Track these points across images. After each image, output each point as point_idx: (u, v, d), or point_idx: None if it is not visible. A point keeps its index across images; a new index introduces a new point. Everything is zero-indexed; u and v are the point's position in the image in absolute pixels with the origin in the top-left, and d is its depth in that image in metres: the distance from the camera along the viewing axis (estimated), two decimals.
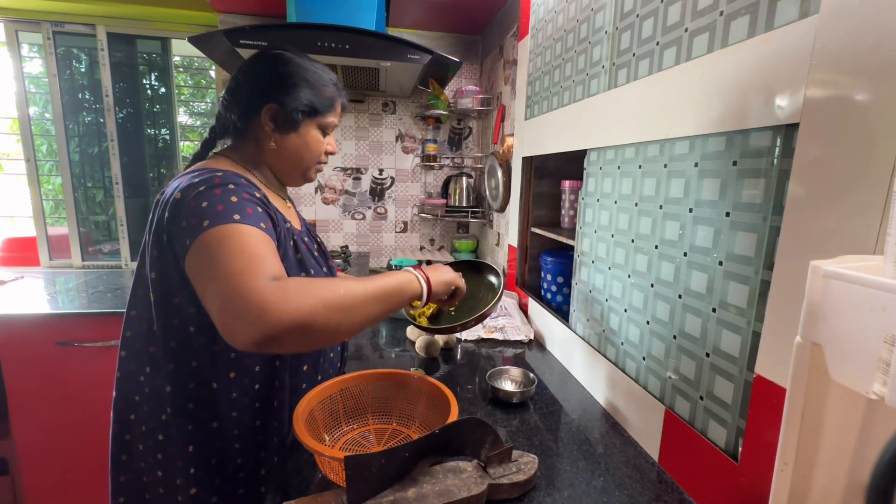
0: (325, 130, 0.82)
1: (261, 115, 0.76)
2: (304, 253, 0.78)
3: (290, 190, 0.92)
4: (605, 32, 0.94)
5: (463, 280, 0.86)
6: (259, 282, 0.55)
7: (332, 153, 0.85)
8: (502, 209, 1.78)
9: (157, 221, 0.68)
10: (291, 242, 0.77)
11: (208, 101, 2.41)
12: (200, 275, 0.61)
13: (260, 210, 0.67)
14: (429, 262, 2.15)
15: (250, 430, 0.75)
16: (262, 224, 0.65)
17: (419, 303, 0.84)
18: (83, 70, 2.09)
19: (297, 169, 0.82)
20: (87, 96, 2.10)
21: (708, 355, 0.66)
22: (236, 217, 0.62)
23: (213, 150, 0.84)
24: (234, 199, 0.64)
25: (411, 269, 0.75)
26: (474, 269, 1.14)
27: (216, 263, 0.58)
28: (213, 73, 2.24)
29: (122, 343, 0.75)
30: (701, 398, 0.68)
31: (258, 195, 0.69)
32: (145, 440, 0.74)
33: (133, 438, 0.76)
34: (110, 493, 0.78)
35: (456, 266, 1.15)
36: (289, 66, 0.77)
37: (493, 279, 1.10)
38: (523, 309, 1.46)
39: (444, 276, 0.80)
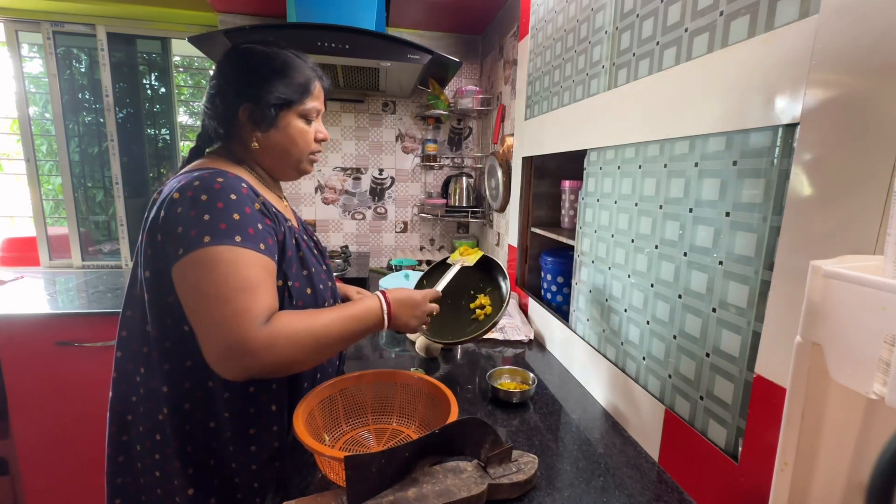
0: (307, 118, 0.78)
1: (239, 117, 0.74)
2: (304, 251, 0.78)
3: (290, 189, 0.91)
4: (605, 32, 0.94)
5: (425, 302, 0.83)
6: (252, 328, 0.60)
7: (323, 140, 0.82)
8: (502, 209, 1.78)
9: (153, 220, 0.68)
10: (293, 241, 0.76)
11: None
12: (193, 294, 0.63)
13: (260, 227, 0.67)
14: (429, 263, 2.15)
15: (244, 435, 0.75)
16: (261, 245, 0.65)
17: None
18: (83, 70, 2.09)
19: (287, 163, 0.80)
20: (87, 96, 2.10)
21: (708, 355, 0.66)
22: (237, 239, 0.63)
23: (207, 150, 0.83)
24: (236, 216, 0.64)
25: (380, 299, 0.76)
26: (482, 265, 1.14)
27: (215, 292, 0.61)
28: (213, 73, 2.24)
29: (118, 343, 0.75)
30: (701, 398, 0.68)
31: (258, 206, 0.68)
32: (143, 441, 0.74)
33: (130, 439, 0.75)
34: (106, 496, 0.77)
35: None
36: (255, 59, 0.75)
37: (501, 282, 1.10)
38: (523, 309, 1.46)
39: (407, 304, 0.80)
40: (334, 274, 0.99)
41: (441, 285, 0.97)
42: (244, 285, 0.61)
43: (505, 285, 1.09)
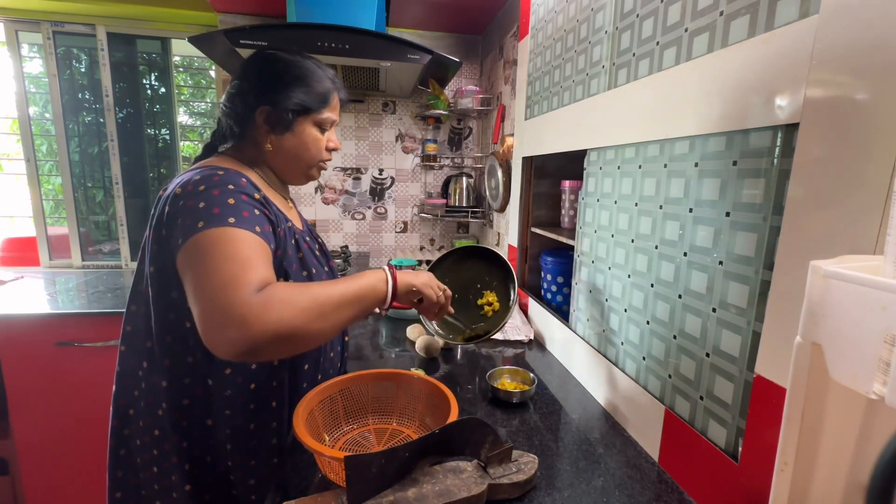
0: (322, 127, 0.80)
1: (255, 119, 0.75)
2: (305, 252, 0.78)
3: (290, 190, 0.91)
4: (605, 32, 0.94)
5: (429, 289, 0.81)
6: (243, 294, 0.56)
7: (334, 149, 0.83)
8: (502, 209, 1.78)
9: (158, 216, 0.69)
10: (293, 241, 0.76)
11: (208, 101, 2.41)
12: (188, 277, 0.62)
13: (257, 213, 0.67)
14: (428, 262, 2.15)
15: (243, 432, 0.75)
16: (256, 228, 0.65)
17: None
18: (83, 70, 2.09)
19: (298, 168, 0.81)
20: (87, 96, 2.10)
21: (708, 355, 0.66)
22: (231, 220, 0.62)
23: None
24: (230, 200, 0.64)
25: (384, 269, 0.75)
26: (488, 258, 1.15)
27: (204, 269, 0.59)
28: (213, 73, 2.24)
29: (122, 338, 0.76)
30: (701, 398, 0.68)
31: (257, 196, 0.69)
32: (143, 435, 0.74)
33: (131, 433, 0.76)
34: (107, 488, 0.78)
35: (468, 252, 1.16)
36: (278, 65, 0.76)
37: (507, 280, 1.12)
38: (523, 309, 1.46)
39: (413, 279, 0.78)
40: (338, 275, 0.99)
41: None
42: (236, 258, 0.60)
43: (512, 286, 1.09)
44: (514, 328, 1.33)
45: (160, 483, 0.74)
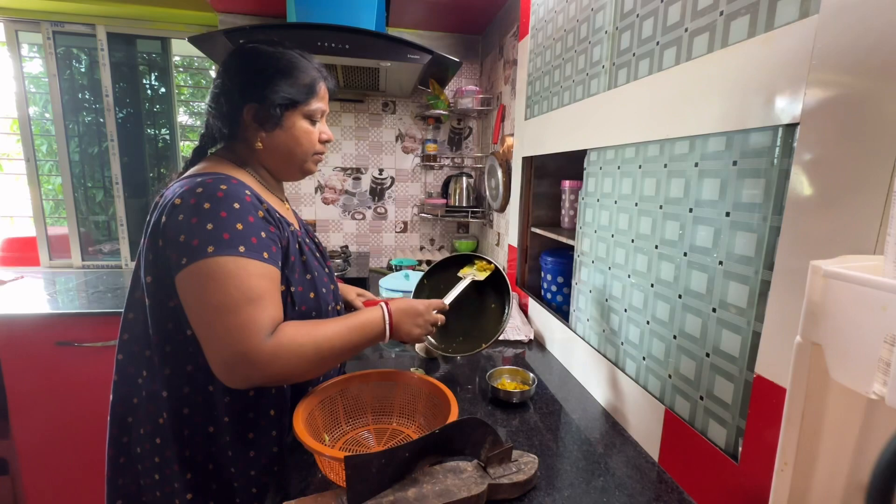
0: (312, 119, 0.77)
1: (243, 117, 0.74)
2: (307, 255, 0.78)
3: (290, 189, 0.91)
4: (605, 32, 0.94)
5: (423, 335, 0.84)
6: (256, 341, 0.61)
7: (327, 141, 0.81)
8: (502, 209, 1.78)
9: (154, 225, 0.67)
10: (297, 246, 0.76)
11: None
12: (197, 305, 0.63)
13: (264, 235, 0.67)
14: (429, 262, 2.15)
15: (243, 439, 0.74)
16: (265, 254, 0.66)
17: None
18: (83, 70, 2.09)
19: (292, 164, 0.79)
20: (87, 96, 2.09)
21: (708, 355, 0.66)
22: (241, 249, 0.63)
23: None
24: (239, 226, 0.64)
25: (383, 310, 0.77)
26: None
27: (217, 302, 0.61)
28: (213, 73, 2.24)
29: (119, 346, 0.75)
30: (701, 398, 0.68)
31: (261, 213, 0.68)
32: (143, 443, 0.74)
33: (131, 441, 0.75)
34: (106, 496, 0.77)
35: (461, 259, 1.15)
36: (260, 59, 0.74)
37: (502, 292, 1.09)
38: (523, 309, 1.46)
39: (409, 330, 0.81)
40: (335, 275, 0.98)
41: (449, 298, 0.94)
42: (249, 296, 0.62)
43: (508, 298, 1.08)
44: (514, 328, 1.33)
45: (162, 490, 0.74)
